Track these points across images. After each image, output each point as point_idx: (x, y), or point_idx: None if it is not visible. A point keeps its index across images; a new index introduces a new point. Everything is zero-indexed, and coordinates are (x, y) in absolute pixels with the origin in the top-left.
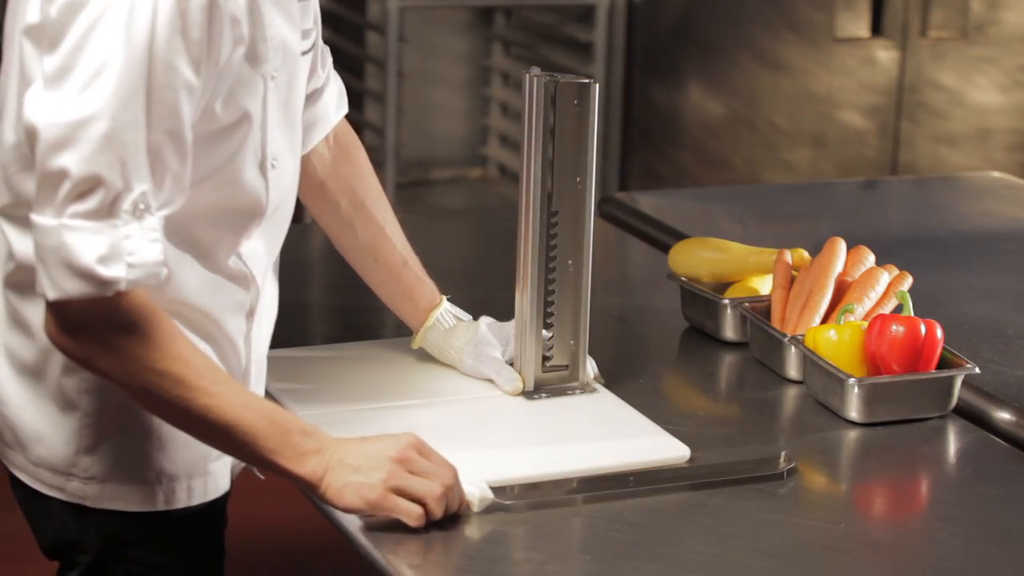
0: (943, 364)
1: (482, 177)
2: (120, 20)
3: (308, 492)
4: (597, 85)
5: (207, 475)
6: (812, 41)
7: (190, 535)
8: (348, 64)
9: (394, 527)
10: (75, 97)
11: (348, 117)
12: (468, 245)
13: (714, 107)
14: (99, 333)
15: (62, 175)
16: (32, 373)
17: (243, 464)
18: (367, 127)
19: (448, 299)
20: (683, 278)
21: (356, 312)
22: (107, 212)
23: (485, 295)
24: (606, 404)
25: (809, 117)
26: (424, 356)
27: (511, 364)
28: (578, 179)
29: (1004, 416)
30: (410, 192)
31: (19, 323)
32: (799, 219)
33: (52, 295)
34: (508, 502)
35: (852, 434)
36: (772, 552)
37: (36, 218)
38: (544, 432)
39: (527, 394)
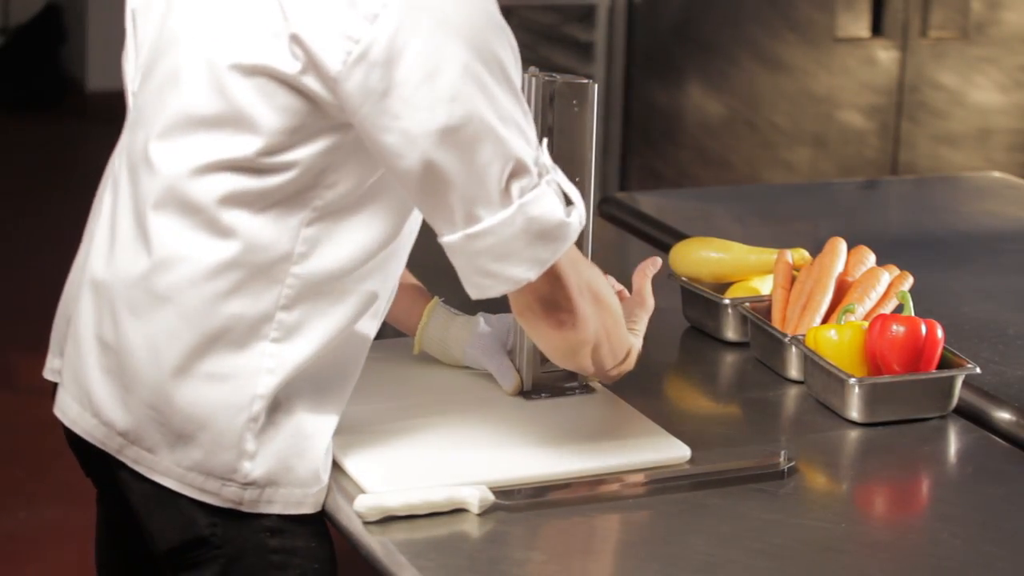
0: (944, 364)
1: None
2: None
3: None
4: (596, 85)
5: (322, 483)
6: (812, 41)
7: (316, 518)
8: None
9: (395, 526)
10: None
11: None
12: None
13: (714, 107)
14: (574, 287)
15: (491, 170)
16: (198, 374)
17: None
18: None
19: (442, 300)
20: (683, 278)
21: None
22: (538, 176)
23: None
24: (606, 404)
25: (809, 117)
26: (424, 357)
27: (511, 354)
28: (577, 179)
29: (1004, 416)
30: None
31: (214, 334)
32: (799, 219)
33: (534, 273)
34: (508, 502)
35: (852, 434)
36: (772, 552)
37: (481, 225)
38: (544, 432)
39: (526, 394)
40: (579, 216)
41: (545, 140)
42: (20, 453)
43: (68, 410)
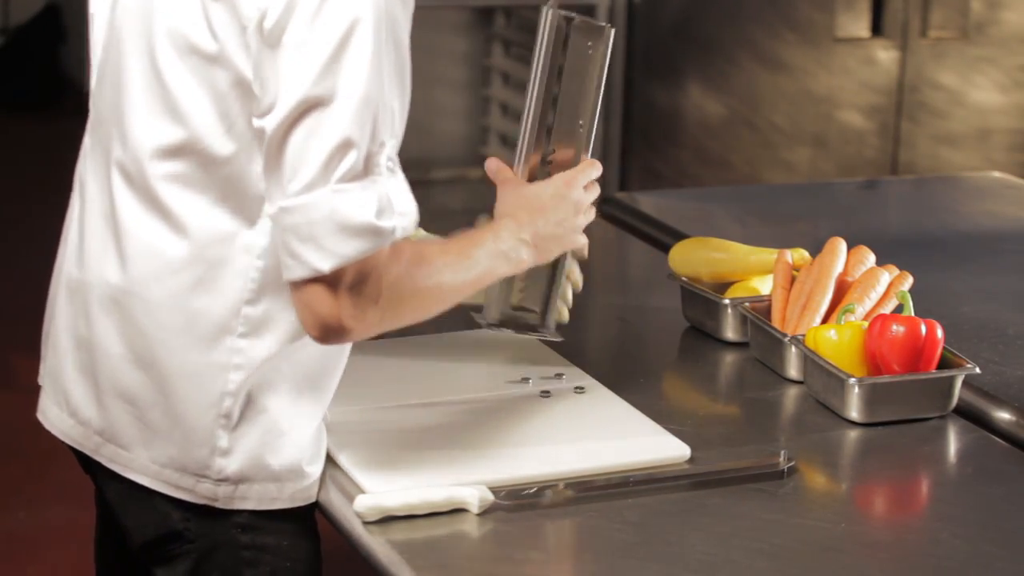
0: (943, 364)
1: (482, 177)
2: None
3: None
4: (613, 31)
5: (310, 478)
6: (812, 41)
7: (294, 517)
8: None
9: (394, 526)
10: (325, 66)
11: None
12: None
13: (714, 107)
14: (374, 288)
15: (322, 145)
16: (169, 371)
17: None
18: None
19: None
20: (683, 278)
21: None
22: (368, 170)
23: None
24: (606, 404)
25: (809, 117)
26: (424, 358)
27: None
28: (580, 122)
29: (1004, 416)
30: None
31: (180, 329)
32: (799, 219)
33: (328, 264)
34: (508, 502)
35: (852, 434)
36: (772, 552)
37: (298, 199)
38: (544, 432)
39: (491, 325)
40: (404, 226)
41: (393, 143)
42: (20, 453)
43: (48, 413)
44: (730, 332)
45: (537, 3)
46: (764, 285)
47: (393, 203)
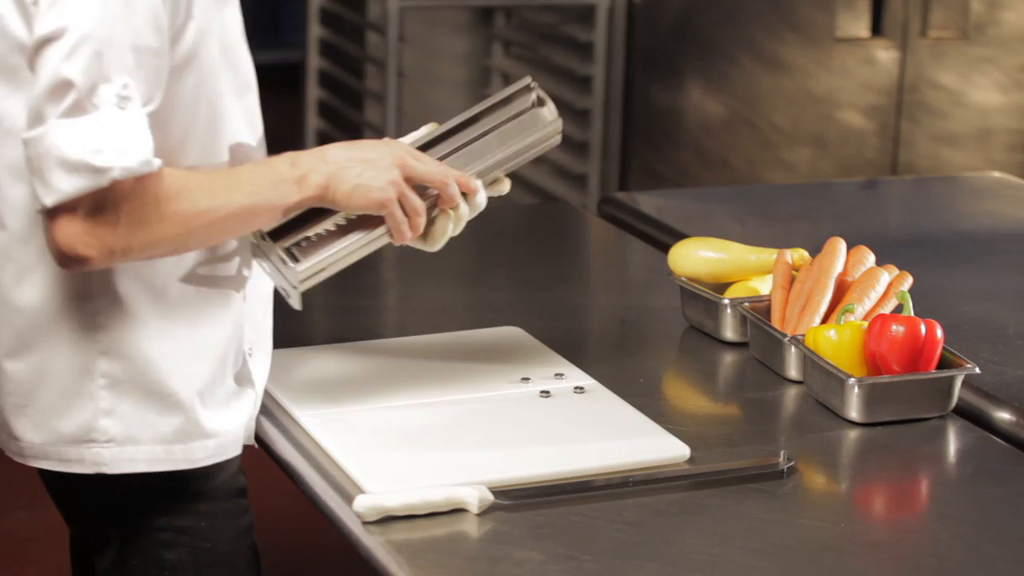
0: (943, 364)
1: None
2: None
3: (319, 205)
4: (559, 139)
5: (220, 435)
6: (812, 41)
7: (212, 497)
8: (348, 64)
9: (394, 526)
10: (56, 4)
11: (349, 116)
12: (468, 245)
13: (714, 107)
14: (112, 216)
15: (44, 82)
16: (43, 349)
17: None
18: (367, 127)
19: None
20: (683, 278)
21: (356, 312)
22: (91, 106)
23: (484, 295)
24: (606, 404)
25: (809, 117)
26: (424, 358)
27: None
28: (477, 167)
29: (1004, 416)
30: None
31: (15, 304)
32: (799, 219)
33: (51, 200)
34: (508, 502)
35: (852, 434)
36: (772, 552)
37: (27, 134)
38: (544, 432)
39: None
40: (126, 165)
41: (125, 80)
42: None
43: None
44: (730, 332)
45: (537, 3)
46: (764, 285)
47: (116, 140)
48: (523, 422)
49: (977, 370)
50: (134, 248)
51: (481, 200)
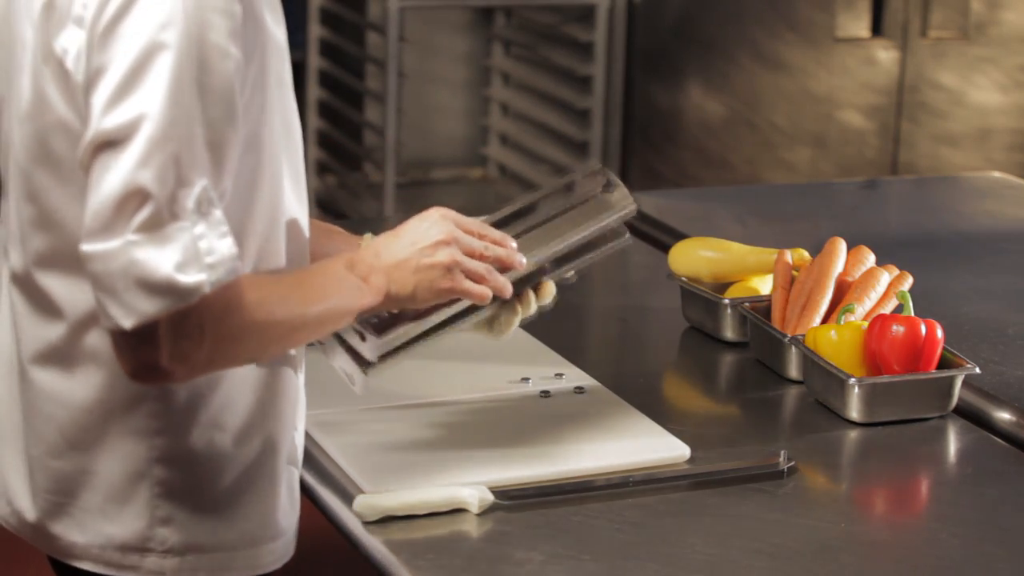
0: (943, 364)
1: (482, 177)
2: (151, 7)
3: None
4: (629, 240)
5: (287, 532)
6: (812, 41)
7: None
8: (348, 64)
9: (394, 526)
10: (121, 100)
11: (349, 116)
12: None
13: (714, 107)
14: (195, 331)
15: (113, 189)
16: (89, 450)
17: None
18: (367, 127)
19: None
20: (683, 278)
21: None
22: (170, 217)
23: None
24: (606, 404)
25: (809, 117)
26: (423, 358)
27: None
28: (536, 255)
29: (1004, 416)
30: (410, 192)
31: (63, 401)
32: (799, 219)
33: (130, 322)
34: (508, 502)
35: (852, 434)
36: (772, 552)
37: (92, 247)
38: (544, 432)
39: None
40: (215, 279)
41: (205, 182)
42: None
43: None
44: (730, 332)
45: (537, 3)
46: (764, 285)
47: (201, 252)
48: (523, 422)
49: (977, 370)
50: (216, 362)
51: (550, 292)
